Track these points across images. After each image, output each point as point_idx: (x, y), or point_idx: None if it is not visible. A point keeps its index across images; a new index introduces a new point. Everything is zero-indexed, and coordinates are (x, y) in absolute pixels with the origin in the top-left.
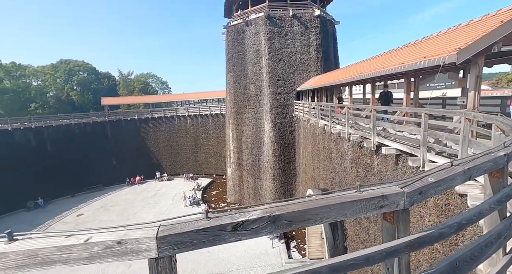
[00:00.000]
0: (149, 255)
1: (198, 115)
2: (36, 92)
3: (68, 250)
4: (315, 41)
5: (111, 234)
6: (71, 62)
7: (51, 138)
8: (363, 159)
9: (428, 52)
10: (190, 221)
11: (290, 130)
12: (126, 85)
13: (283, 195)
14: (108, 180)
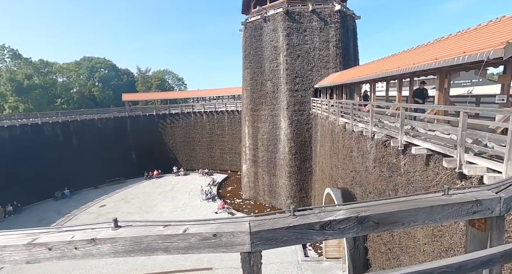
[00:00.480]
0: (242, 249)
1: (214, 111)
2: (62, 88)
3: (169, 239)
4: (335, 37)
5: (206, 226)
6: (93, 59)
7: (76, 132)
8: (388, 158)
9: (467, 47)
10: (277, 218)
11: (307, 128)
12: (144, 81)
13: (298, 192)
14: (128, 173)
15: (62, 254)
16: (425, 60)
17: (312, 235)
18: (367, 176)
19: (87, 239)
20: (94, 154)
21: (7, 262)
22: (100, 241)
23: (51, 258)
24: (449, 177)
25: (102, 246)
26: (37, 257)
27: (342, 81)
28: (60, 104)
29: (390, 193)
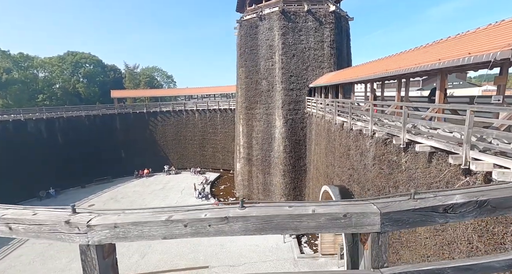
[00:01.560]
0: (372, 229)
1: (207, 110)
2: (44, 84)
3: (299, 219)
4: (329, 37)
5: (331, 207)
6: (78, 54)
7: (62, 129)
8: (388, 156)
9: (470, 49)
10: (398, 200)
11: (302, 127)
12: (132, 78)
13: (292, 191)
14: (116, 172)
15: (196, 231)
16: (427, 61)
17: (435, 218)
18: (365, 174)
19: (220, 217)
20: (81, 152)
21: (146, 237)
22: (233, 219)
23: (185, 234)
24: (454, 173)
25: (234, 224)
26: (174, 232)
27: (339, 80)
28: (42, 100)
29: (390, 190)
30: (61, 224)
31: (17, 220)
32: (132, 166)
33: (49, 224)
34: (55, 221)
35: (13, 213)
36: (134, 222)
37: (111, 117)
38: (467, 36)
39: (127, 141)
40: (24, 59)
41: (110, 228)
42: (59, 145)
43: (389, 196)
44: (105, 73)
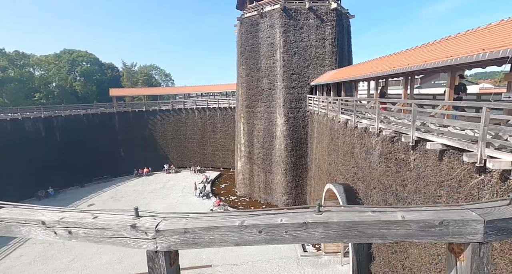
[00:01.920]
0: (473, 239)
1: (206, 108)
2: (40, 82)
3: (386, 226)
4: (331, 35)
5: (422, 213)
6: (75, 52)
7: (60, 128)
8: (395, 154)
9: (485, 45)
10: (496, 206)
11: (303, 125)
12: (129, 76)
13: (294, 189)
14: (116, 171)
15: (272, 237)
16: (437, 58)
17: None
18: (371, 172)
19: (298, 223)
20: (80, 151)
21: (217, 243)
22: (312, 225)
23: (260, 241)
24: (467, 171)
25: (313, 230)
26: (247, 239)
27: (343, 78)
28: (39, 99)
29: (397, 188)
30: (127, 229)
31: (78, 224)
32: (131, 164)
33: (113, 228)
34: (119, 225)
35: (72, 216)
36: (206, 226)
37: (110, 116)
38: (477, 33)
39: (126, 139)
40: (20, 57)
41: (180, 234)
42: (57, 143)
43: (480, 202)
44: (103, 72)
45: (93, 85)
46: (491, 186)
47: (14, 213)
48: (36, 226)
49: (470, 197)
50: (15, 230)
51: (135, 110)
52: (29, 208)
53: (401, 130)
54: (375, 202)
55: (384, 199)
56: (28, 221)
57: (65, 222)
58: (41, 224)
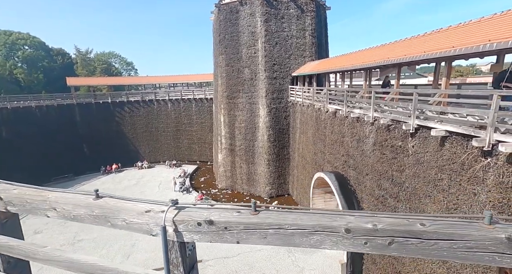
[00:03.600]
0: None
1: (180, 99)
2: None
3: None
4: (310, 26)
5: None
6: (13, 34)
7: (7, 122)
8: (391, 141)
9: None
10: None
11: (285, 116)
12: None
13: (277, 179)
14: (79, 169)
15: None
16: (436, 49)
17: None
18: (363, 159)
19: (406, 230)
20: (33, 148)
21: (328, 246)
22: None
23: None
24: (474, 156)
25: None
26: None
27: (331, 68)
28: None
29: (393, 173)
30: (146, 216)
31: None
32: (97, 161)
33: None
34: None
35: None
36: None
37: (69, 108)
38: (470, 26)
39: (90, 134)
40: None
41: (206, 224)
42: (4, 140)
43: None
44: (51, 58)
45: (39, 73)
46: (497, 168)
47: (28, 194)
48: None
49: (474, 179)
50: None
51: (99, 102)
52: None
53: (398, 119)
54: (368, 188)
55: (379, 184)
56: None
57: None
58: None
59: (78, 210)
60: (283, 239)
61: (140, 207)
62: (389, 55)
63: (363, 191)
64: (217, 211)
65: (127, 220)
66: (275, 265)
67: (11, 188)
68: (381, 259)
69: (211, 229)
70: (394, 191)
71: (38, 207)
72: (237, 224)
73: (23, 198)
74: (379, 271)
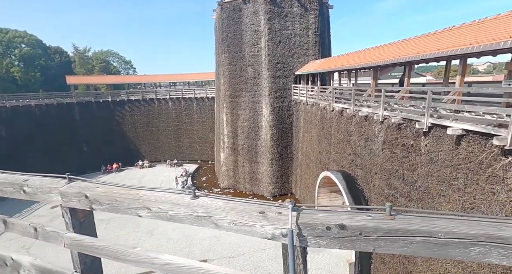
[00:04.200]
0: None
1: (181, 98)
2: None
3: None
4: (314, 24)
5: None
6: (10, 32)
7: (6, 121)
8: (402, 140)
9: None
10: None
11: (288, 115)
12: (83, 63)
13: (280, 178)
14: (79, 168)
15: None
16: (451, 47)
17: None
18: (371, 158)
19: None
20: (32, 147)
21: (494, 260)
22: None
23: None
24: (494, 155)
25: None
26: None
27: (337, 67)
28: None
29: (405, 172)
30: (261, 217)
31: None
32: (97, 160)
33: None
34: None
35: None
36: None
37: (69, 107)
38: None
39: (90, 133)
40: None
41: (337, 228)
42: (2, 139)
43: None
44: (48, 56)
45: (36, 71)
46: None
47: (116, 192)
48: None
49: (494, 178)
50: None
51: (99, 101)
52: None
53: (410, 118)
54: (377, 187)
55: (388, 183)
56: None
57: None
58: None
59: (177, 209)
60: (433, 249)
61: (250, 208)
62: (399, 53)
63: (372, 190)
64: (346, 214)
65: (237, 221)
66: (281, 264)
67: (93, 186)
68: (391, 258)
69: (342, 234)
70: (405, 190)
71: (130, 206)
72: (374, 230)
73: (111, 196)
74: (389, 271)
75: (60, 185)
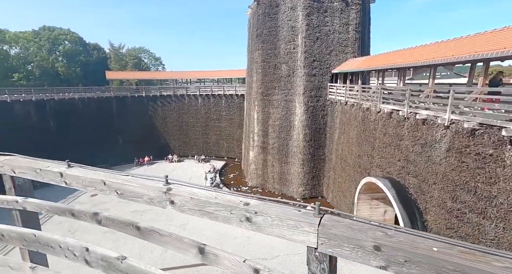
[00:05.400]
0: None
1: (210, 95)
2: (18, 62)
3: None
4: (355, 20)
5: None
6: (56, 30)
7: (54, 113)
8: (477, 148)
9: None
10: None
11: (322, 115)
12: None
13: (311, 180)
14: (114, 159)
15: None
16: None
17: None
18: (429, 166)
19: None
20: (75, 138)
21: None
22: None
23: None
24: None
25: None
26: None
27: (383, 65)
28: (18, 79)
29: (478, 185)
30: None
31: None
32: (130, 152)
33: None
34: None
35: None
36: None
37: (107, 100)
38: None
39: (125, 126)
40: None
41: None
42: (50, 129)
43: None
44: (88, 53)
45: (77, 67)
46: None
47: (80, 172)
48: None
49: None
50: None
51: (134, 96)
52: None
53: (490, 123)
54: (436, 198)
55: (453, 196)
56: None
57: None
58: None
59: None
60: None
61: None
62: (476, 49)
63: (428, 202)
64: None
65: None
66: None
67: None
68: None
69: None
70: (479, 206)
71: None
72: None
73: None
74: None
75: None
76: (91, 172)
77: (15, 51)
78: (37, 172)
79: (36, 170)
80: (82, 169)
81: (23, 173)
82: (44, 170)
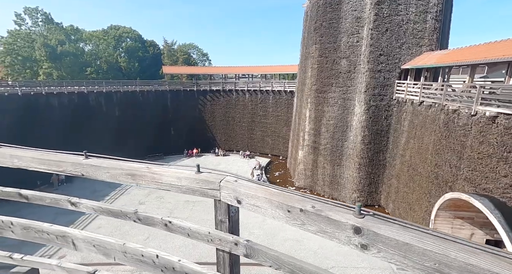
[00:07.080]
0: None
1: (258, 90)
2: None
3: None
4: (435, 6)
5: None
6: (120, 28)
7: (119, 103)
8: None
9: None
10: None
11: (386, 116)
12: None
13: (367, 186)
14: (166, 149)
15: None
16: None
17: None
18: None
19: None
20: (134, 127)
21: None
22: None
23: None
24: None
25: None
26: None
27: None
28: (90, 73)
29: None
30: None
31: None
32: (180, 144)
33: None
34: None
35: None
36: None
37: (162, 93)
38: None
39: (176, 118)
40: (74, 32)
41: None
42: (116, 118)
43: None
44: (145, 49)
45: (135, 62)
46: None
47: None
48: None
49: None
50: None
51: (187, 89)
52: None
53: None
54: None
55: None
56: None
57: None
58: None
59: None
60: None
61: None
62: None
63: None
64: None
65: None
66: None
67: None
68: None
69: None
70: None
71: None
72: None
73: None
74: None
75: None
76: None
77: (88, 48)
78: None
79: None
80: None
81: None
82: None
